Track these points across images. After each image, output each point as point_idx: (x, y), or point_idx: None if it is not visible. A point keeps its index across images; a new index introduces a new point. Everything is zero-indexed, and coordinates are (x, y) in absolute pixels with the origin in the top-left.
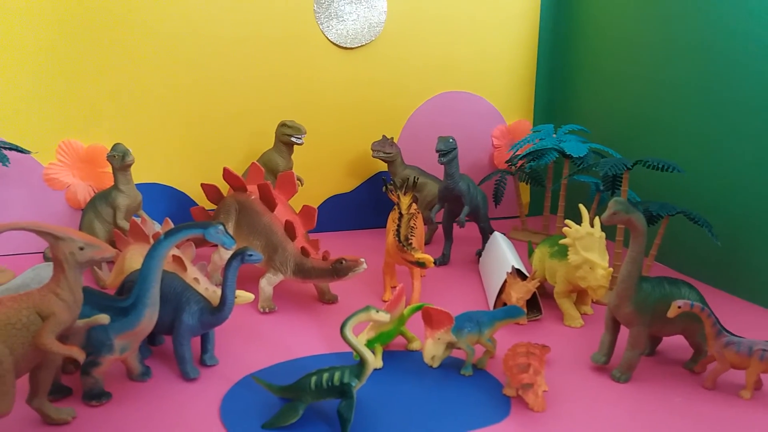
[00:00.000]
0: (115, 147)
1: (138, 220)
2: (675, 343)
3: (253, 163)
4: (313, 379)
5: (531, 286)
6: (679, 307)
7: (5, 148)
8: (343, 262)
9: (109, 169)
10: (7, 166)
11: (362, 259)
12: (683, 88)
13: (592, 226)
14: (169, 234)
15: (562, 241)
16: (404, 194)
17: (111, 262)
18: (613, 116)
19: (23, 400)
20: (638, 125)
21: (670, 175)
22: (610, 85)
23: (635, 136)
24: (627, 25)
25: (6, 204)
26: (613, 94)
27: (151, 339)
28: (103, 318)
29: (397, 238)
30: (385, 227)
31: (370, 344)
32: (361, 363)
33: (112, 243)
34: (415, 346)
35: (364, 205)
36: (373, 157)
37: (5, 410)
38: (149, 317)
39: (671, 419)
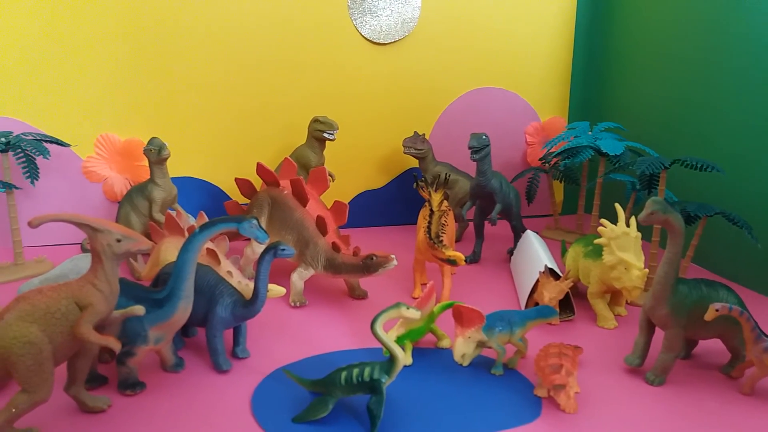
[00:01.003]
0: (151, 141)
1: (173, 214)
2: (711, 346)
3: (285, 158)
4: (343, 374)
5: (564, 286)
6: (717, 310)
7: (46, 141)
8: (374, 258)
9: (146, 162)
10: (47, 158)
11: (393, 256)
12: (723, 85)
13: (627, 225)
14: (204, 227)
15: (597, 241)
16: (435, 191)
17: (146, 254)
18: (651, 114)
19: (61, 387)
20: (676, 123)
21: (708, 174)
22: (647, 82)
23: (673, 134)
24: (666, 20)
25: (46, 195)
26: (651, 91)
27: (185, 330)
28: (139, 309)
29: (427, 235)
30: (415, 224)
31: (399, 341)
32: (391, 359)
33: (148, 235)
34: (444, 343)
35: (394, 202)
36: (405, 153)
37: (44, 397)
38: (183, 309)
39: (706, 425)
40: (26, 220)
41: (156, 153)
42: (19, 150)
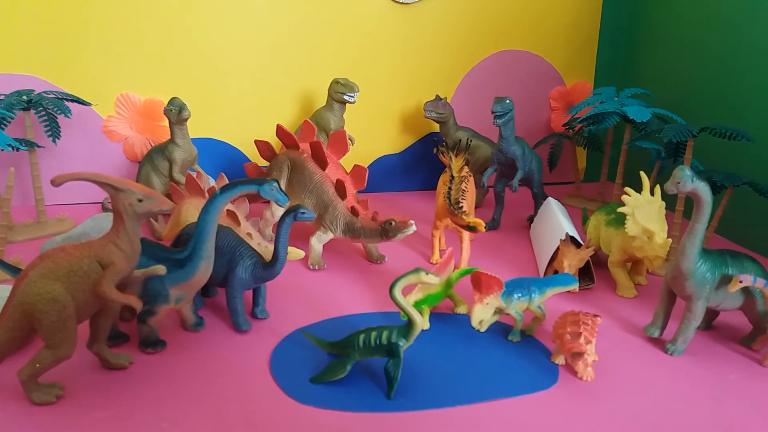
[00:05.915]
0: (171, 101)
1: (193, 175)
2: (733, 318)
3: (305, 120)
4: (362, 336)
5: (585, 254)
6: (741, 282)
7: (67, 100)
8: (393, 223)
9: (166, 122)
10: (69, 117)
11: (411, 221)
12: (756, 52)
13: (652, 194)
14: (225, 189)
15: (620, 209)
16: (456, 156)
17: (167, 215)
18: (679, 80)
19: (83, 344)
20: (705, 91)
21: (736, 143)
22: (677, 48)
23: (701, 101)
24: None
25: (67, 154)
26: (680, 56)
27: (205, 291)
28: (160, 269)
29: (447, 201)
30: (435, 189)
31: (417, 305)
32: (409, 324)
33: (169, 196)
34: (462, 309)
35: (414, 166)
36: (426, 117)
37: (67, 353)
38: (204, 269)
39: (725, 396)
40: (48, 178)
41: (176, 113)
42: (41, 108)
